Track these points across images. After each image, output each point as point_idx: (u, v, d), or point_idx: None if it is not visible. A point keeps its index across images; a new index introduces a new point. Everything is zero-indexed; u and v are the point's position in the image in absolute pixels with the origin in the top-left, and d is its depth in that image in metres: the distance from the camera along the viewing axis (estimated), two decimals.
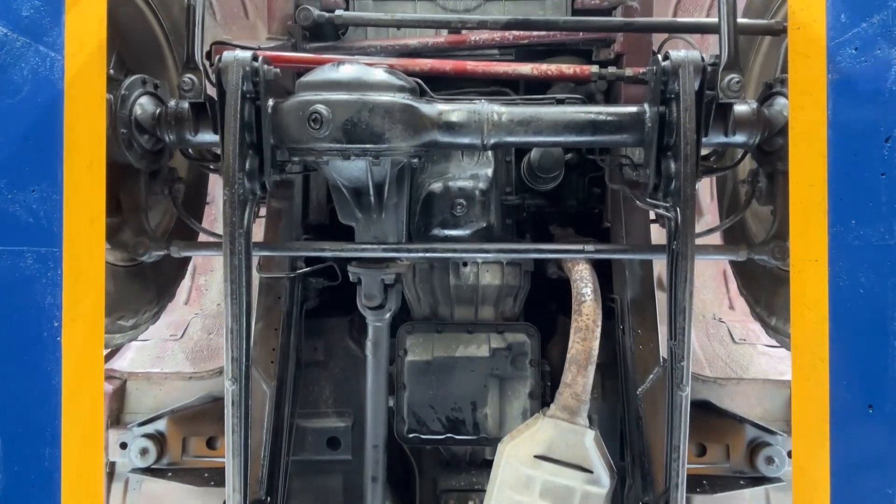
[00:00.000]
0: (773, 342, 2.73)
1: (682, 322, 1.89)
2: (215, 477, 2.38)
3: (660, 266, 2.57)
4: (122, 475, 2.53)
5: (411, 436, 2.37)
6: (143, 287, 2.58)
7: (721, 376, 2.67)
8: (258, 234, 2.42)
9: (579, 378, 2.08)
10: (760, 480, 2.44)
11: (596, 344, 2.12)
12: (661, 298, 2.45)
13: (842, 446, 1.84)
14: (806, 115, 1.89)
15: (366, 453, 2.32)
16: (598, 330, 2.14)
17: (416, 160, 2.12)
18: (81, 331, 1.94)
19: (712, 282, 3.46)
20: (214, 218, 3.40)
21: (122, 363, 2.85)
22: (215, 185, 3.12)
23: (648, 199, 2.06)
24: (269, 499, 2.24)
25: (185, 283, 3.48)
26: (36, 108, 1.89)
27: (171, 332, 3.02)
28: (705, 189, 3.44)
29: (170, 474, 2.46)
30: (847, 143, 1.83)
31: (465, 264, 2.46)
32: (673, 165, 1.95)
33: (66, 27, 1.89)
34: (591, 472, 2.02)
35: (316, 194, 2.65)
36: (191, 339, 3.01)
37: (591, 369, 2.11)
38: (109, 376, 2.61)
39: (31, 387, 1.89)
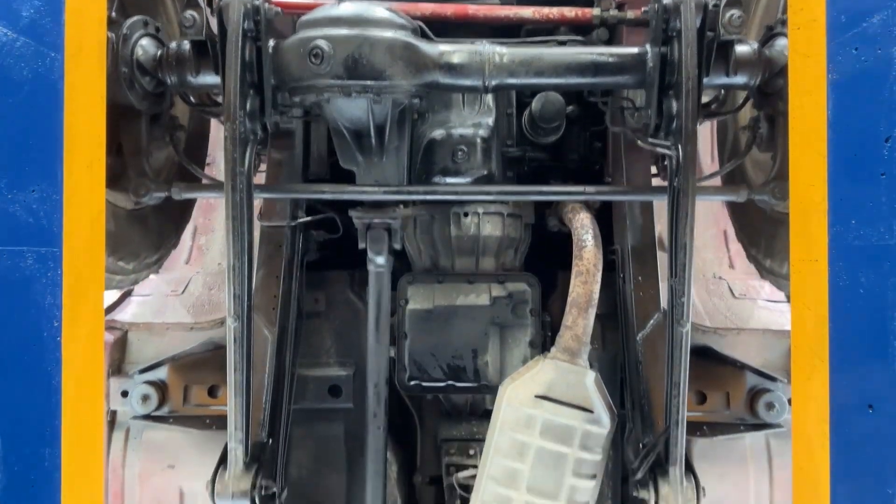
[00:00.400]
0: (774, 297, 2.72)
1: (682, 258, 1.89)
2: (217, 423, 2.37)
3: (661, 226, 2.55)
4: (124, 424, 2.51)
5: (412, 383, 2.36)
6: (144, 232, 2.59)
7: (721, 327, 2.65)
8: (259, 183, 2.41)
9: (580, 320, 2.08)
10: (760, 427, 2.42)
11: (596, 287, 2.12)
12: (661, 258, 2.44)
13: (842, 446, 1.83)
14: (806, 115, 1.89)
15: (367, 392, 2.31)
16: (599, 274, 2.13)
17: (416, 101, 2.12)
18: (81, 331, 1.94)
19: (712, 242, 3.46)
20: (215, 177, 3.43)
21: (123, 316, 2.84)
22: (216, 147, 3.11)
23: (650, 140, 2.06)
24: (270, 441, 2.24)
25: (186, 243, 3.49)
26: (36, 108, 1.89)
27: (172, 289, 3.02)
28: (705, 150, 3.41)
29: (171, 420, 2.45)
30: (847, 143, 1.83)
31: (465, 214, 2.45)
32: (675, 104, 1.96)
33: (66, 27, 1.89)
34: (591, 411, 2.02)
35: (317, 147, 2.65)
36: (192, 295, 3.00)
37: (592, 312, 2.10)
38: (110, 327, 2.60)
39: (31, 387, 1.89)
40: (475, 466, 2.37)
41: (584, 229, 2.19)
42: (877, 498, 1.83)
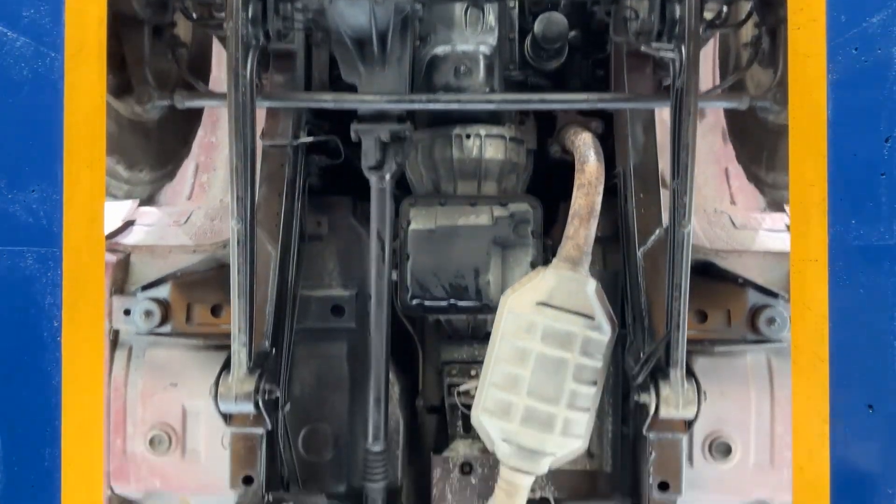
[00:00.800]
0: (775, 227, 2.71)
1: (685, 158, 1.88)
2: (220, 343, 2.36)
3: (663, 162, 2.54)
4: (126, 343, 2.50)
5: (415, 302, 2.35)
6: (146, 144, 2.60)
7: (723, 248, 2.64)
8: (260, 116, 2.42)
9: (581, 230, 2.08)
10: (762, 342, 2.41)
11: (598, 200, 2.11)
12: (664, 193, 2.43)
13: (842, 446, 1.84)
14: (806, 115, 1.89)
15: (370, 311, 2.30)
16: (601, 187, 2.12)
17: (418, 6, 2.13)
18: (81, 331, 1.94)
19: (714, 181, 3.45)
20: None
21: (125, 241, 2.84)
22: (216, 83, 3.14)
23: (653, 44, 2.06)
24: (273, 351, 2.25)
25: (188, 180, 3.52)
26: (36, 108, 1.89)
27: (175, 219, 3.03)
28: (707, 70, 3.40)
29: (174, 335, 2.45)
30: (847, 143, 1.83)
31: (468, 136, 2.44)
32: (678, 7, 1.96)
33: (66, 27, 1.89)
34: (592, 318, 2.02)
35: (318, 73, 2.65)
36: (194, 225, 2.99)
37: (594, 223, 2.10)
38: (113, 249, 2.59)
39: (31, 387, 1.89)
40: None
41: (586, 146, 2.18)
42: (877, 498, 1.83)
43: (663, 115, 2.51)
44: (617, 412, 2.49)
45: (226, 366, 2.09)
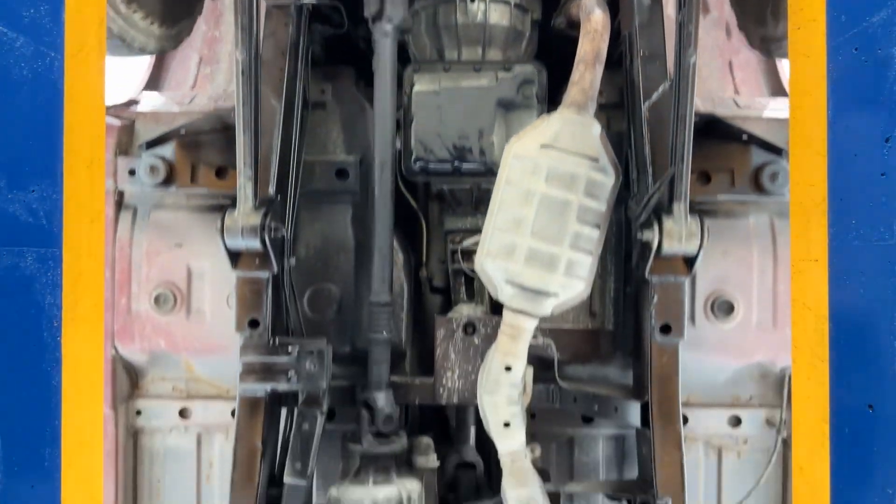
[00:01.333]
0: (778, 108, 2.69)
1: None
2: (225, 202, 2.37)
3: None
4: (131, 205, 2.50)
5: (418, 165, 2.36)
6: None
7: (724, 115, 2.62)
8: None
9: (587, 74, 2.06)
10: (765, 193, 2.39)
11: (604, 46, 2.09)
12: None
13: (842, 446, 1.84)
14: (806, 114, 1.89)
15: (373, 174, 2.29)
16: (607, 34, 2.11)
17: None
18: (81, 331, 1.94)
19: (717, 73, 3.44)
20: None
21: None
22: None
23: None
24: (279, 197, 2.25)
25: (191, 70, 3.56)
26: (36, 108, 1.89)
27: (178, 101, 3.03)
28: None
29: (177, 192, 2.44)
30: (847, 143, 1.83)
31: (472, 0, 2.42)
32: None
33: (66, 27, 1.89)
34: (597, 160, 2.01)
35: None
36: (198, 105, 3.00)
37: (600, 68, 2.08)
38: (117, 115, 2.59)
39: (31, 387, 1.89)
40: None
41: (591, 2, 2.15)
42: (877, 498, 1.83)
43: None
44: (619, 272, 2.49)
45: (231, 204, 2.07)
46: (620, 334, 2.45)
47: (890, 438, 1.81)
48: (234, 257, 2.12)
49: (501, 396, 2.08)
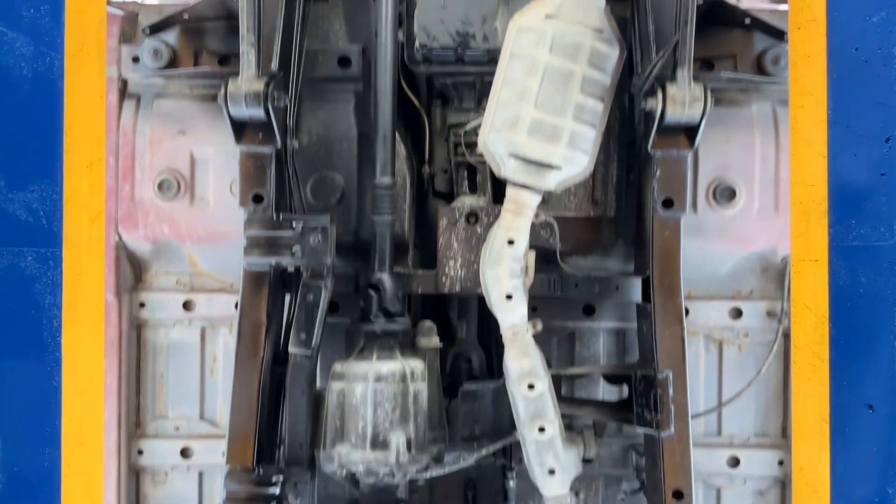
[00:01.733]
0: (778, 7, 2.70)
1: None
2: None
3: None
4: (134, 94, 2.49)
5: (422, 52, 2.37)
6: None
7: None
8: None
9: None
10: (766, 75, 2.39)
11: None
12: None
13: (842, 446, 1.84)
14: (806, 115, 1.89)
15: (376, 61, 2.29)
16: None
17: None
18: (81, 331, 1.94)
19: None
20: None
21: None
22: None
23: None
24: (281, 73, 2.25)
25: None
26: (36, 107, 1.89)
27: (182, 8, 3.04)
28: None
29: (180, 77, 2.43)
30: (847, 143, 1.83)
31: None
32: None
33: (66, 27, 1.89)
34: (601, 31, 1.99)
35: None
36: None
37: None
38: (121, 7, 2.58)
39: (31, 387, 1.89)
40: None
41: None
42: (877, 497, 1.83)
43: None
44: (622, 159, 2.50)
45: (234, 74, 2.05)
46: (622, 221, 2.46)
47: (890, 438, 1.81)
48: (239, 130, 2.12)
49: (504, 269, 2.06)
